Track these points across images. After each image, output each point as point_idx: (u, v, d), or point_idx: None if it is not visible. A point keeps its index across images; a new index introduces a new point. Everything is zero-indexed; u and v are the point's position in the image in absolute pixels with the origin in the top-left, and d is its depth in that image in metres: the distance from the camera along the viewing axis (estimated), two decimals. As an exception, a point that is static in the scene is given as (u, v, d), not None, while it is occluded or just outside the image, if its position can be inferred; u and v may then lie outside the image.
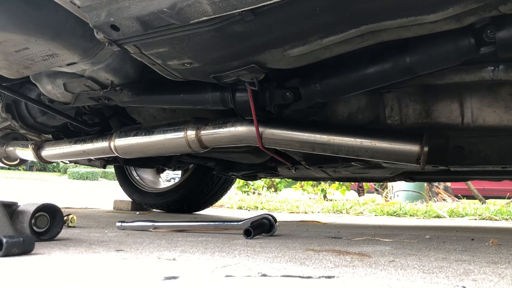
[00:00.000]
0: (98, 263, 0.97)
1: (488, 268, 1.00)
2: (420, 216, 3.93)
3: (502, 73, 1.44)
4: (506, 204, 4.48)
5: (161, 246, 1.25)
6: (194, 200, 3.33)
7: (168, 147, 1.91)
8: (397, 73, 1.39)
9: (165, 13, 1.09)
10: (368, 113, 1.71)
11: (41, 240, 1.26)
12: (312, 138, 1.66)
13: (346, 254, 1.18)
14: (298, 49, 1.26)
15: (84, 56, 1.43)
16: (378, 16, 1.15)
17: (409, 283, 0.82)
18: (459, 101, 1.61)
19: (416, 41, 1.30)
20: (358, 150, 1.63)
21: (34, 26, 1.33)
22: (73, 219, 1.84)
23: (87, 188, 12.37)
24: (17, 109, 2.17)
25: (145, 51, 1.28)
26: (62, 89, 1.65)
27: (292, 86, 1.54)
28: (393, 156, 1.62)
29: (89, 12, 1.16)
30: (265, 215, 1.63)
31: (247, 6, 1.05)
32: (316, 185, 6.62)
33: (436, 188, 6.52)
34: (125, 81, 1.56)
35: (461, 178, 2.50)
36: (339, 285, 0.79)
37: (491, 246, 1.45)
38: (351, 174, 2.28)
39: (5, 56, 1.46)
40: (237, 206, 4.82)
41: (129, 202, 3.60)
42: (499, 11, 1.11)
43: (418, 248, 1.36)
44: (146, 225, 1.78)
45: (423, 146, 1.57)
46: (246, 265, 0.97)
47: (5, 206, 1.20)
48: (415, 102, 1.66)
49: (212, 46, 1.24)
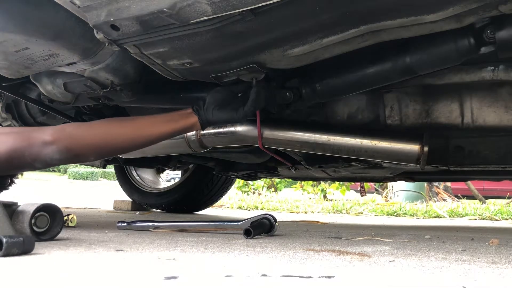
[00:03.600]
0: (98, 263, 0.97)
1: (488, 268, 1.00)
2: (420, 216, 3.93)
3: (502, 73, 1.44)
4: (506, 204, 4.48)
5: (161, 246, 1.26)
6: (194, 200, 3.33)
7: (168, 147, 1.91)
8: (397, 73, 1.39)
9: (165, 13, 1.09)
10: (368, 113, 1.71)
11: (41, 240, 1.26)
12: (312, 138, 1.66)
13: (346, 254, 1.18)
14: (298, 49, 1.26)
15: (84, 56, 1.43)
16: (378, 16, 1.15)
17: (409, 283, 0.82)
18: (459, 101, 1.61)
19: (416, 41, 1.30)
20: (358, 150, 1.63)
21: (34, 26, 1.33)
22: (73, 219, 1.83)
23: (87, 188, 12.37)
24: (17, 109, 2.17)
25: (145, 51, 1.28)
26: (62, 89, 1.65)
27: (292, 86, 1.54)
28: (393, 156, 1.62)
29: (89, 12, 1.16)
30: (265, 215, 1.63)
31: (247, 6, 1.05)
32: (316, 185, 6.61)
33: (436, 188, 6.53)
34: (125, 81, 1.56)
35: (461, 178, 2.50)
36: (339, 285, 0.79)
37: (491, 246, 1.45)
38: (351, 174, 2.28)
39: (5, 56, 1.46)
40: (237, 206, 4.82)
41: (129, 202, 3.60)
42: (499, 11, 1.11)
43: (418, 248, 1.36)
44: (146, 225, 1.78)
45: (423, 146, 1.57)
46: (246, 265, 0.97)
47: (5, 206, 1.20)
48: (415, 102, 1.66)
49: (212, 46, 1.24)
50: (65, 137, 1.40)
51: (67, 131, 1.42)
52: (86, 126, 1.54)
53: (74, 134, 1.42)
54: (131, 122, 1.55)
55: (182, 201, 3.31)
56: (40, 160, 1.37)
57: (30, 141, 1.38)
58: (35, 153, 1.36)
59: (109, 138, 1.45)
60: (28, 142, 1.37)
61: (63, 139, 1.39)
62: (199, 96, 1.61)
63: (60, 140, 1.38)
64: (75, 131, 1.44)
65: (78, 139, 1.41)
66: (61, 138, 1.38)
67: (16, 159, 1.36)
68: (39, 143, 1.37)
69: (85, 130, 1.48)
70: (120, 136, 1.47)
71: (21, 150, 1.35)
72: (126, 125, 1.51)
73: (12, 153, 1.34)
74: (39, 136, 1.38)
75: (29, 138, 1.39)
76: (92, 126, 1.50)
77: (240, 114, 1.44)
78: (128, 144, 1.49)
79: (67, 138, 1.40)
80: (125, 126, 1.50)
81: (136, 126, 1.50)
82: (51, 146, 1.37)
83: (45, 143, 1.37)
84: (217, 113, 1.45)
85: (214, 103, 1.46)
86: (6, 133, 1.41)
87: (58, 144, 1.37)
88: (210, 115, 1.45)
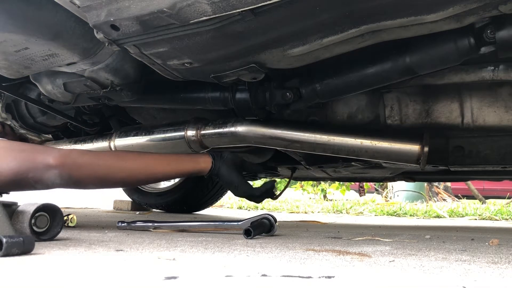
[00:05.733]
0: (98, 263, 0.97)
1: (488, 268, 1.00)
2: (420, 216, 3.93)
3: (502, 73, 1.44)
4: (506, 204, 4.48)
5: (161, 246, 1.25)
6: (194, 200, 3.33)
7: (168, 147, 1.90)
8: (397, 73, 1.39)
9: (165, 13, 1.09)
10: (368, 113, 1.72)
11: (41, 240, 1.26)
12: (312, 139, 1.66)
13: (346, 254, 1.18)
14: (298, 49, 1.26)
15: (84, 56, 1.43)
16: (378, 16, 1.15)
17: (409, 283, 0.82)
18: (459, 101, 1.62)
19: (416, 41, 1.30)
20: (358, 151, 1.63)
21: (34, 26, 1.33)
22: (73, 219, 1.83)
23: (87, 188, 12.33)
24: (17, 109, 2.17)
25: (145, 51, 1.28)
26: (62, 89, 1.65)
27: (292, 86, 1.54)
28: (393, 156, 1.62)
29: (89, 12, 1.16)
30: (265, 215, 1.63)
31: (247, 6, 1.05)
32: (316, 185, 6.61)
33: (436, 188, 6.53)
34: (125, 81, 1.56)
35: (461, 178, 2.50)
36: (339, 285, 0.79)
37: (491, 246, 1.45)
38: (351, 174, 2.28)
39: (5, 56, 1.46)
40: (237, 206, 4.82)
41: (129, 202, 3.60)
42: (499, 11, 1.11)
43: (418, 248, 1.36)
44: (146, 225, 1.78)
45: (423, 147, 1.57)
46: (246, 265, 0.97)
47: (5, 206, 1.20)
48: (415, 102, 1.66)
49: (212, 46, 1.24)
50: (69, 163, 1.40)
51: (71, 157, 1.43)
52: (92, 155, 1.53)
53: (79, 162, 1.43)
54: (139, 157, 1.56)
55: (182, 201, 3.31)
56: (42, 183, 1.38)
57: (35, 162, 1.38)
58: (38, 175, 1.37)
59: (112, 172, 1.46)
60: (33, 164, 1.37)
61: (67, 165, 1.39)
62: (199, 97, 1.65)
63: (64, 166, 1.38)
64: (80, 159, 1.44)
65: (82, 167, 1.42)
66: (65, 164, 1.39)
67: (20, 180, 1.37)
68: (43, 165, 1.37)
69: (90, 159, 1.48)
70: (125, 170, 1.48)
71: (26, 171, 1.36)
72: (134, 159, 1.53)
73: (17, 174, 1.35)
74: (43, 158, 1.38)
75: (34, 159, 1.39)
76: (98, 156, 1.51)
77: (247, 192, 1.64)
78: (131, 180, 1.51)
79: (71, 164, 1.40)
80: (132, 161, 1.52)
81: (143, 162, 1.52)
82: (54, 170, 1.37)
83: (49, 166, 1.37)
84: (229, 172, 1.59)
85: (232, 163, 1.60)
86: (12, 150, 1.40)
87: (61, 169, 1.38)
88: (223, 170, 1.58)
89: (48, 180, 1.38)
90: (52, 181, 1.38)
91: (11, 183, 1.36)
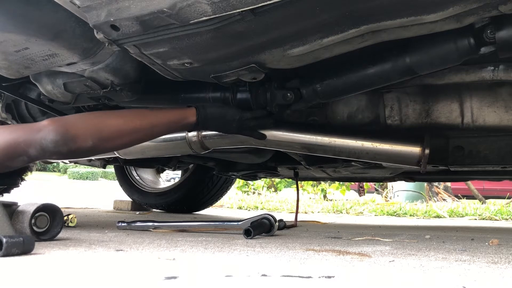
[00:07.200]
0: (98, 263, 0.97)
1: (488, 268, 1.00)
2: (420, 216, 3.93)
3: (502, 73, 1.44)
4: (506, 204, 4.47)
5: (161, 246, 1.26)
6: (194, 200, 3.33)
7: (169, 148, 1.91)
8: (397, 73, 1.39)
9: (165, 13, 1.09)
10: (368, 113, 1.72)
11: (41, 240, 1.26)
12: (313, 140, 1.66)
13: (346, 254, 1.18)
14: (298, 49, 1.26)
15: (84, 56, 1.43)
16: (378, 16, 1.15)
17: (409, 283, 0.82)
18: (459, 101, 1.61)
19: (416, 41, 1.30)
20: (359, 152, 1.63)
21: (34, 26, 1.33)
22: (73, 219, 1.84)
23: (87, 188, 12.36)
24: (17, 109, 2.17)
25: (145, 51, 1.28)
26: (62, 89, 1.65)
27: (293, 86, 1.54)
28: (394, 158, 1.62)
29: (89, 12, 1.16)
30: (265, 215, 1.63)
31: (247, 6, 1.05)
32: (316, 185, 6.61)
33: (436, 188, 6.53)
34: (125, 81, 1.56)
35: (461, 178, 2.50)
36: (339, 285, 0.79)
37: (491, 246, 1.45)
38: (351, 174, 2.28)
39: (5, 56, 1.46)
40: (237, 206, 4.82)
41: (129, 202, 3.60)
42: (499, 11, 1.10)
43: (418, 248, 1.36)
44: (146, 225, 1.78)
45: (424, 149, 1.57)
46: (246, 265, 0.97)
47: (5, 206, 1.20)
48: (415, 102, 1.66)
49: (212, 46, 1.24)
50: (62, 120, 1.41)
51: (63, 118, 1.49)
52: (82, 114, 1.60)
53: (71, 118, 1.46)
54: (128, 110, 1.62)
55: (182, 201, 3.31)
56: (35, 146, 1.31)
57: (26, 129, 1.38)
58: (29, 138, 1.32)
59: (107, 122, 1.46)
60: (24, 130, 1.36)
61: (60, 122, 1.38)
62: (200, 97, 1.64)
63: (57, 122, 1.36)
64: (72, 117, 1.50)
65: (75, 121, 1.42)
66: (58, 121, 1.38)
67: (12, 148, 1.31)
68: (35, 128, 1.35)
69: (82, 115, 1.54)
70: (119, 121, 1.49)
71: (16, 138, 1.32)
72: (122, 112, 1.58)
73: (8, 143, 1.32)
74: (35, 124, 1.38)
75: (24, 127, 1.41)
76: (89, 112, 1.57)
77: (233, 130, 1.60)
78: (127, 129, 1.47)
79: (63, 120, 1.42)
80: (121, 112, 1.56)
81: (132, 111, 1.57)
82: (47, 128, 1.32)
83: (41, 126, 1.34)
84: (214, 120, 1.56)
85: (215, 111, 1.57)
86: (4, 127, 1.42)
87: (55, 124, 1.34)
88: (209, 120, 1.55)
89: (42, 139, 1.31)
90: (45, 139, 1.31)
91: (4, 154, 1.31)
